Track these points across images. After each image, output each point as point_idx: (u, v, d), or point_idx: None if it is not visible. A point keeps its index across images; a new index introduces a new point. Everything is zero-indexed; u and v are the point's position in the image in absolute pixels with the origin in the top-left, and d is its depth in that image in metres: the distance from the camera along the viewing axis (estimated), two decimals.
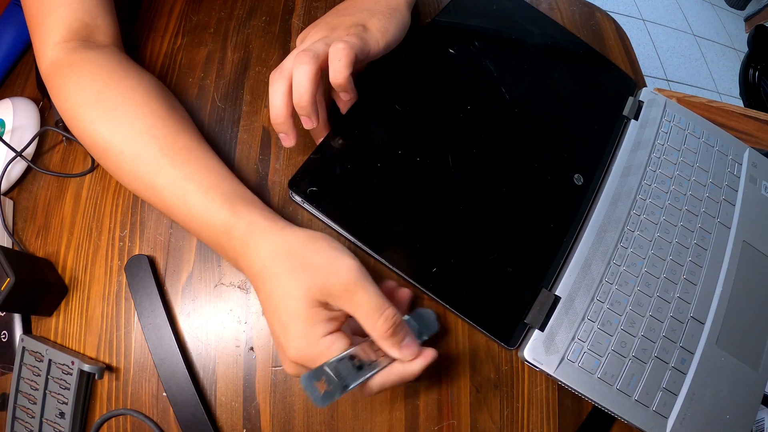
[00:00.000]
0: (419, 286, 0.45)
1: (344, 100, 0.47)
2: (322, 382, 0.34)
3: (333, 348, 0.35)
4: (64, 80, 0.44)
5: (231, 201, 0.40)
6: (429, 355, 0.38)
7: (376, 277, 0.41)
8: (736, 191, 0.57)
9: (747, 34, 1.57)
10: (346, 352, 0.35)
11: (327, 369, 0.34)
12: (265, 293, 0.37)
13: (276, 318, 0.36)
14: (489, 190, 0.50)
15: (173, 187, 0.40)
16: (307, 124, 0.44)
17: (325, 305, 0.36)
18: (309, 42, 0.44)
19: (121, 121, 0.42)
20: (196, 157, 0.42)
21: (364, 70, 0.51)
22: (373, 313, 0.36)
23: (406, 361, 0.37)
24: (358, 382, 0.35)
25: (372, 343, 0.37)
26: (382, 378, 0.37)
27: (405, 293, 0.44)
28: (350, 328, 0.39)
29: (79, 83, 0.43)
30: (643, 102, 0.60)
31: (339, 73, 0.42)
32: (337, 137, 0.48)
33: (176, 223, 0.48)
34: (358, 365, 0.36)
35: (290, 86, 0.42)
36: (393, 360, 0.37)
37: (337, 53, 0.41)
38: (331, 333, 0.36)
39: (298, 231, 0.39)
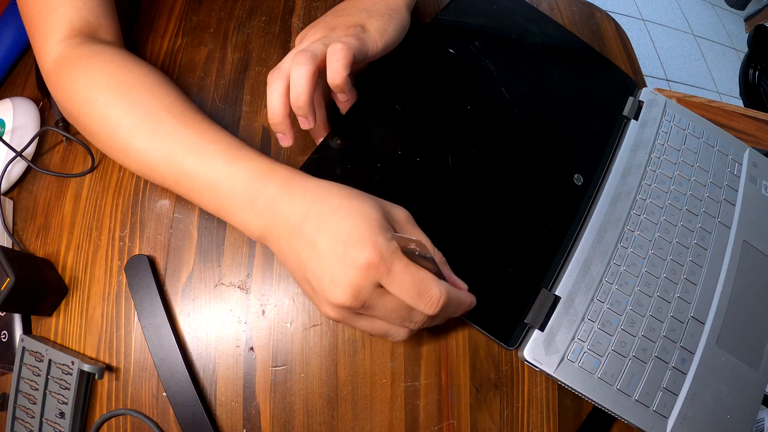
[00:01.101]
0: None
1: (343, 101, 0.47)
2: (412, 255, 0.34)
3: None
4: (72, 72, 0.44)
5: (257, 161, 0.39)
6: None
7: None
8: (737, 191, 0.57)
9: (747, 34, 1.57)
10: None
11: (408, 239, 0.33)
12: (313, 221, 0.35)
13: (332, 234, 0.34)
14: (489, 190, 0.50)
15: (195, 152, 0.39)
16: (304, 124, 0.44)
17: (389, 226, 0.36)
18: (308, 42, 0.44)
19: (135, 102, 0.41)
20: (216, 127, 0.42)
21: (364, 70, 0.51)
22: (429, 247, 0.37)
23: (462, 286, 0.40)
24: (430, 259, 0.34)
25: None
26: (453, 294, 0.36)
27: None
28: None
29: (89, 71, 0.43)
30: (643, 102, 0.60)
31: (337, 74, 0.42)
32: (336, 137, 0.48)
33: (179, 223, 0.48)
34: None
35: (288, 86, 0.42)
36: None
37: (335, 54, 0.41)
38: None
39: (306, 177, 0.39)
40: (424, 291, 0.34)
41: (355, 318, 0.36)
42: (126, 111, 0.41)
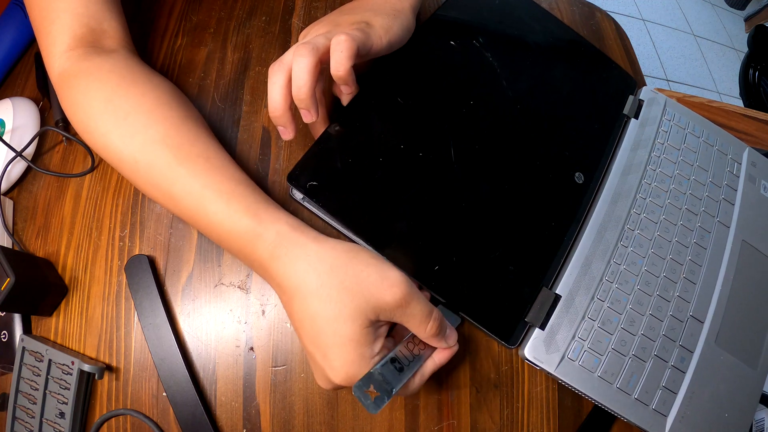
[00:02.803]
0: (421, 284, 0.45)
1: (345, 94, 0.46)
2: (371, 389, 0.35)
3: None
4: (71, 92, 0.43)
5: (254, 209, 0.39)
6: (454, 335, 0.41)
7: None
8: (736, 191, 0.57)
9: (747, 34, 1.57)
10: (387, 357, 0.37)
11: (376, 376, 0.35)
12: (305, 312, 0.36)
13: (319, 340, 0.36)
14: (491, 187, 0.49)
15: (192, 197, 0.39)
16: (306, 117, 0.43)
17: (376, 323, 0.36)
18: (311, 37, 0.44)
19: (133, 130, 0.41)
20: (213, 165, 0.41)
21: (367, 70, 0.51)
22: (424, 318, 0.37)
23: (453, 345, 0.40)
24: (402, 383, 0.37)
25: (407, 342, 0.39)
26: (419, 373, 0.39)
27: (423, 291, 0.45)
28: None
29: (87, 93, 0.42)
30: (643, 101, 0.60)
31: (340, 65, 0.41)
32: (337, 129, 0.47)
33: (179, 223, 0.48)
34: (399, 368, 0.37)
35: (289, 79, 0.41)
36: (427, 353, 0.40)
37: (338, 45, 0.41)
38: (378, 352, 0.37)
39: (335, 243, 0.38)
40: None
41: None
42: (125, 142, 0.41)
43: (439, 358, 0.40)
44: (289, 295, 0.37)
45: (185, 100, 0.46)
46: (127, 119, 0.41)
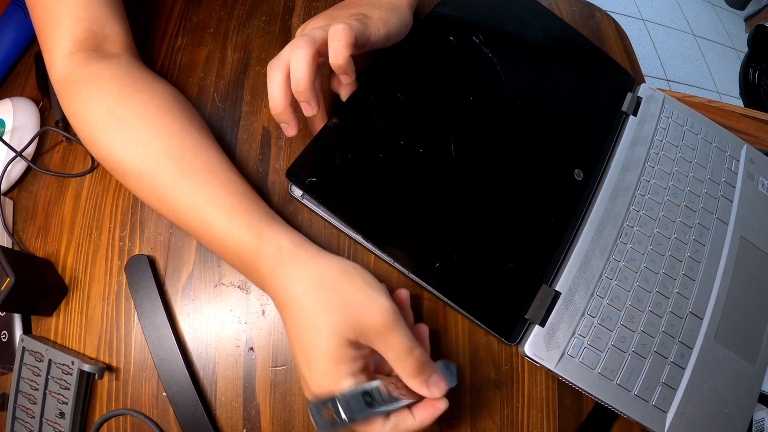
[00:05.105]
0: (422, 282, 0.45)
1: (345, 84, 0.46)
2: (329, 410, 0.34)
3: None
4: (73, 100, 0.43)
5: (257, 225, 0.39)
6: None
7: (384, 278, 0.42)
8: (734, 187, 0.57)
9: (747, 34, 1.57)
10: (359, 388, 0.35)
11: (337, 401, 0.34)
12: (293, 324, 0.37)
13: (303, 351, 0.36)
14: (491, 184, 0.49)
15: (195, 212, 0.39)
16: (308, 110, 0.42)
17: (356, 344, 0.36)
18: (308, 31, 0.43)
19: (135, 143, 0.41)
20: (217, 178, 0.40)
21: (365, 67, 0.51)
22: (403, 353, 0.36)
23: (435, 398, 0.37)
24: (365, 418, 0.35)
25: (395, 382, 0.37)
26: (392, 423, 0.36)
27: (423, 329, 0.42)
28: (374, 363, 0.39)
29: (89, 102, 0.42)
30: (641, 98, 0.60)
31: (339, 54, 0.40)
32: (336, 125, 0.46)
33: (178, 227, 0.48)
34: (368, 401, 0.35)
35: (288, 74, 0.41)
36: (413, 401, 0.37)
37: (336, 34, 0.40)
38: (355, 372, 0.35)
39: (331, 260, 0.38)
40: None
41: None
42: (128, 154, 0.41)
43: (420, 415, 0.36)
44: (283, 309, 0.38)
45: (188, 107, 0.46)
46: (128, 131, 0.41)
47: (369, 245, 0.45)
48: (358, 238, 0.45)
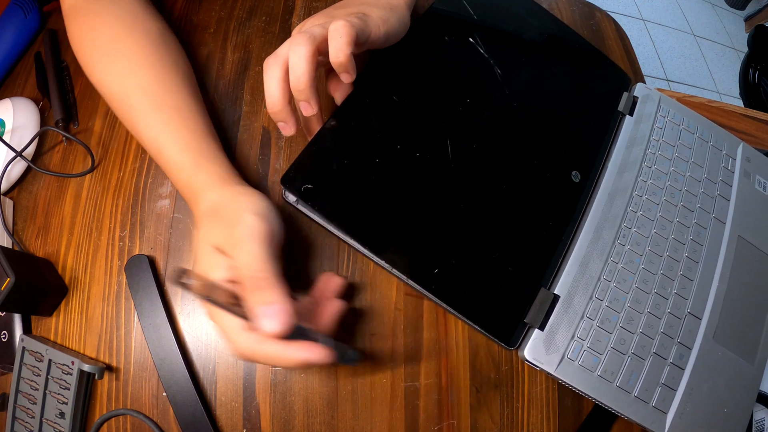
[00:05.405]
0: (421, 288, 0.45)
1: (345, 83, 0.45)
2: (189, 276, 0.34)
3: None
4: (80, 27, 0.48)
5: (198, 159, 0.43)
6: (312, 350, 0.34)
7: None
8: (731, 186, 0.57)
9: (747, 34, 1.57)
10: (215, 281, 0.36)
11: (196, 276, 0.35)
12: (196, 233, 0.41)
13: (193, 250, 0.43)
14: (489, 188, 0.49)
15: (156, 141, 0.44)
16: (307, 110, 0.41)
17: (223, 252, 0.37)
18: (306, 28, 0.42)
19: (123, 73, 0.46)
20: (181, 116, 0.45)
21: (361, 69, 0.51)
22: (246, 270, 0.35)
23: (266, 325, 0.33)
24: (215, 302, 0.34)
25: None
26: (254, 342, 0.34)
27: (333, 306, 0.41)
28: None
29: (91, 32, 0.47)
30: (637, 97, 0.60)
31: (340, 50, 0.40)
32: (332, 129, 0.46)
33: (179, 223, 0.48)
34: (234, 299, 0.34)
35: (286, 71, 0.40)
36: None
37: (337, 31, 0.40)
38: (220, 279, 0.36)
39: (238, 187, 0.42)
40: None
41: None
42: (116, 79, 0.46)
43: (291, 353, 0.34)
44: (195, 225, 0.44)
45: (178, 50, 0.50)
46: (120, 62, 0.46)
47: (366, 252, 0.45)
48: (356, 244, 0.44)
